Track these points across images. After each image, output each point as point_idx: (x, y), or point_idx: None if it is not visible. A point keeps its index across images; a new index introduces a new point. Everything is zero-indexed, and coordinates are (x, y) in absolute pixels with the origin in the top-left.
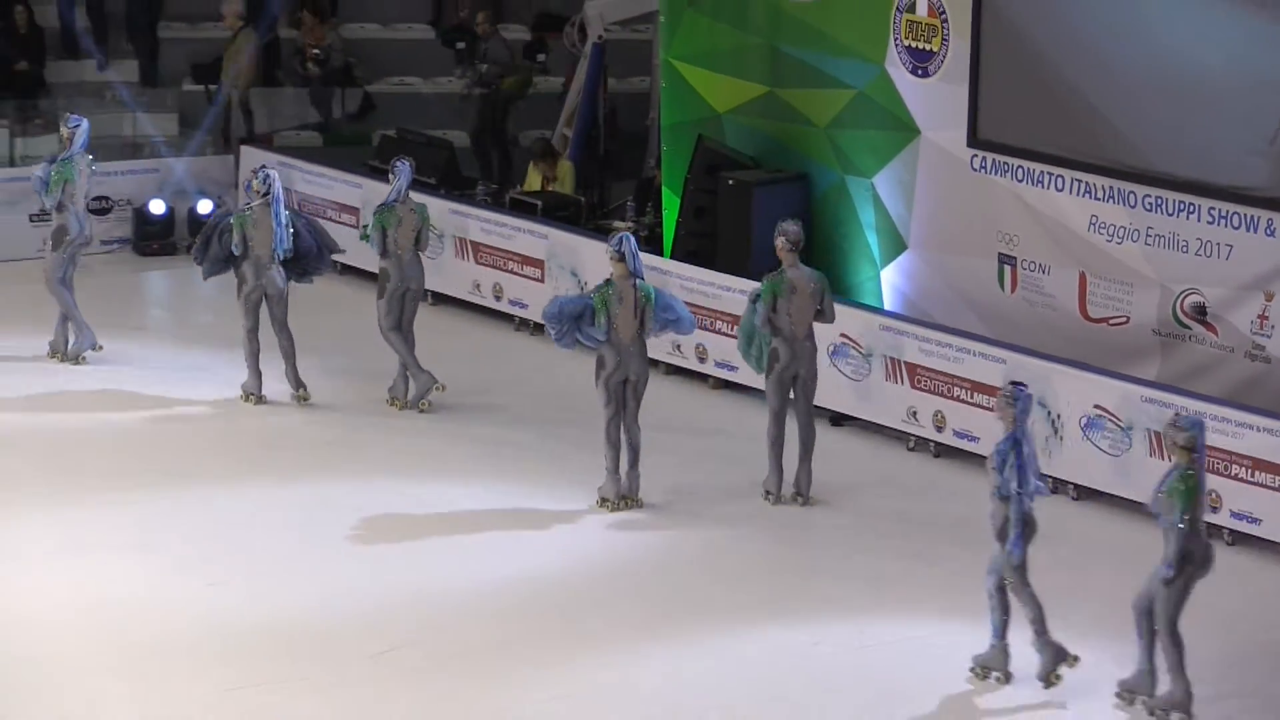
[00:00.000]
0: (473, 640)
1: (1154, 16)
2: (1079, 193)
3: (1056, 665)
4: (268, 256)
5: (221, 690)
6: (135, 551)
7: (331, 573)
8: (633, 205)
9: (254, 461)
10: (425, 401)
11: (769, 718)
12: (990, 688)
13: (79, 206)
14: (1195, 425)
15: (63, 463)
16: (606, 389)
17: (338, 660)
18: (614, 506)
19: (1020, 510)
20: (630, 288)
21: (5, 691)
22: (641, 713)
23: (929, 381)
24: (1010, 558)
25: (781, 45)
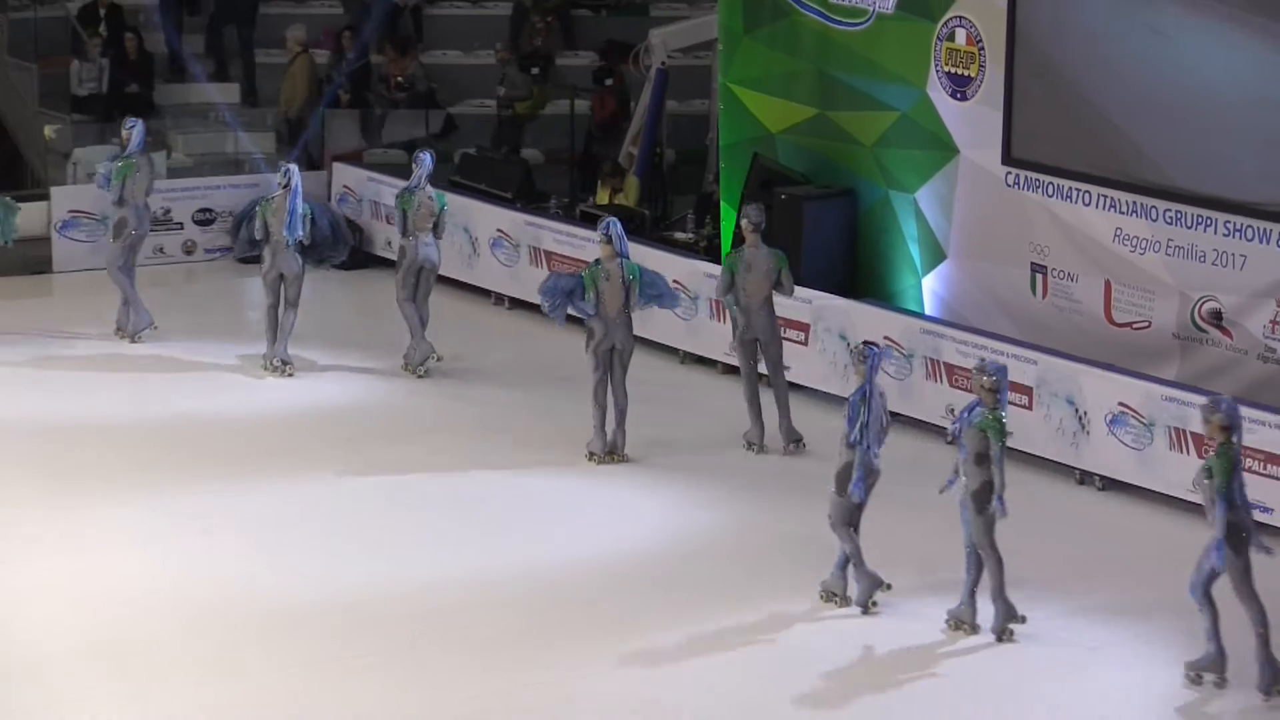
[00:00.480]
0: (513, 623)
1: (1175, 45)
2: (1105, 207)
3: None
4: (284, 241)
5: (274, 669)
6: (189, 537)
7: (378, 556)
8: (693, 218)
9: (309, 451)
10: (422, 368)
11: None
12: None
13: (139, 201)
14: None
15: (143, 453)
16: (595, 356)
17: (386, 641)
18: (600, 460)
19: (864, 458)
20: (616, 267)
21: (80, 664)
22: (678, 690)
23: (966, 381)
24: (851, 498)
25: (831, 71)
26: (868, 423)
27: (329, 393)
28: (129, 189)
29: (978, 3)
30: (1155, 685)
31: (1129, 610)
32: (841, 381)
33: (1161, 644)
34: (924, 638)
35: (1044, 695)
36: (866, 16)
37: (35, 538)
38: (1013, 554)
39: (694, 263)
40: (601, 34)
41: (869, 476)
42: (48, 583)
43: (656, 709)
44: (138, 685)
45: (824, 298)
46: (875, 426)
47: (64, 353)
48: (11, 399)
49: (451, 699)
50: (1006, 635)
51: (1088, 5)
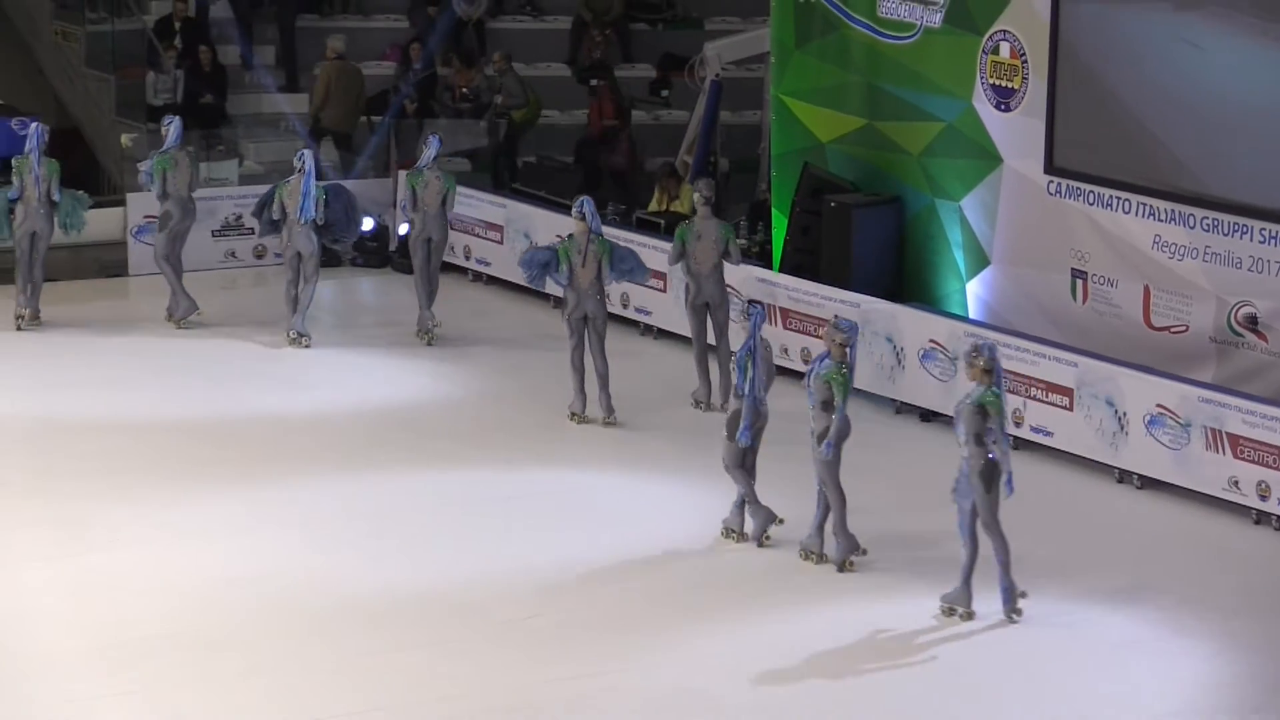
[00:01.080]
0: (597, 610)
1: (1212, 58)
2: (1144, 215)
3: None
4: (299, 221)
5: (370, 652)
6: (281, 529)
7: (467, 545)
8: (745, 224)
9: (394, 446)
10: (428, 335)
11: None
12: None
13: (182, 194)
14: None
15: (227, 452)
16: (569, 324)
17: (473, 626)
18: (580, 419)
19: (751, 406)
20: (588, 242)
21: (198, 647)
22: (756, 674)
23: (1009, 382)
24: (739, 442)
25: (879, 83)
26: (753, 375)
27: (382, 391)
28: (170, 183)
29: (1022, 17)
30: (1190, 677)
31: (1162, 604)
32: (889, 384)
33: (1195, 636)
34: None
35: (1082, 686)
36: (914, 31)
37: (88, 531)
38: (1052, 548)
39: (747, 267)
40: (658, 47)
41: (756, 422)
42: (111, 574)
43: (699, 699)
44: (206, 673)
45: (871, 301)
46: (763, 377)
47: (130, 353)
48: (75, 397)
49: (493, 688)
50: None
51: (1128, 20)
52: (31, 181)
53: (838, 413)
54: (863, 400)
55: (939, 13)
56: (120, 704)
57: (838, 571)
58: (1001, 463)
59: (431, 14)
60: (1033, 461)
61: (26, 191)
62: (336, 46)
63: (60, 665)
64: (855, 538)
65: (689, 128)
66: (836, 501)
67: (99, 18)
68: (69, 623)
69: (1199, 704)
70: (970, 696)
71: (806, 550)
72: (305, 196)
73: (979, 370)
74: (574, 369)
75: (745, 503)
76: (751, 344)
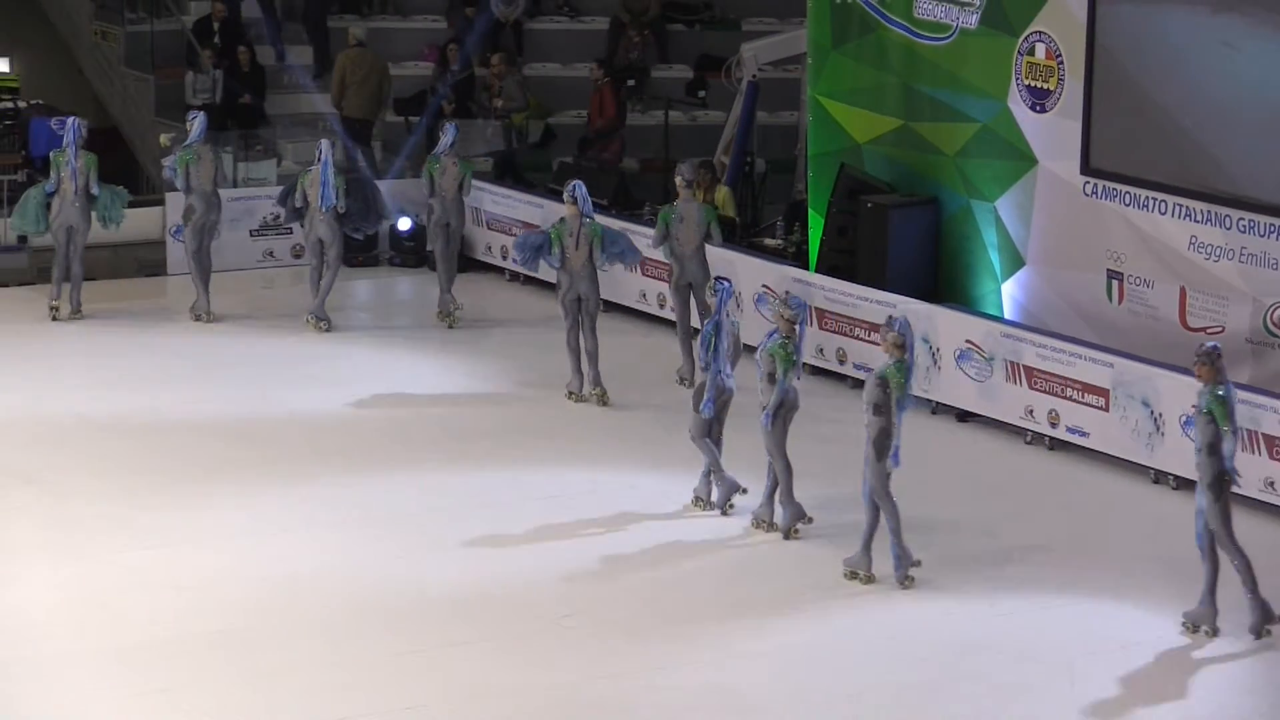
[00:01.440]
0: (630, 608)
1: (1249, 58)
2: (1180, 216)
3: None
4: (319, 209)
5: (412, 650)
6: (327, 529)
7: (500, 543)
8: (782, 225)
9: (430, 444)
10: (450, 318)
11: None
12: None
13: (206, 188)
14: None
15: (262, 450)
16: (563, 305)
17: (509, 624)
18: (577, 398)
19: (715, 380)
20: (579, 225)
21: (231, 646)
22: (800, 675)
23: (1044, 383)
24: (702, 414)
25: (915, 84)
26: (717, 349)
27: (418, 390)
28: (194, 177)
29: (1057, 18)
30: (1225, 680)
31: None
32: (926, 384)
33: (1231, 639)
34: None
35: (1117, 686)
36: (950, 32)
37: (122, 529)
38: (1088, 548)
39: (782, 268)
40: (695, 47)
41: (720, 395)
42: (144, 573)
43: (735, 698)
44: (239, 671)
45: (907, 302)
46: (727, 352)
47: (167, 352)
48: (111, 396)
49: (529, 687)
50: (792, 533)
51: (1164, 21)
52: (68, 175)
53: (778, 385)
54: None
55: (975, 14)
56: (152, 702)
57: (784, 539)
58: (893, 434)
59: (469, 15)
60: (1068, 462)
61: (63, 185)
62: (356, 34)
63: (92, 664)
64: (801, 506)
65: (725, 128)
66: (782, 471)
67: (138, 18)
68: (101, 621)
69: (1236, 706)
70: (1008, 695)
71: (758, 519)
72: (324, 185)
73: (889, 344)
74: (570, 349)
75: (711, 472)
76: (717, 318)
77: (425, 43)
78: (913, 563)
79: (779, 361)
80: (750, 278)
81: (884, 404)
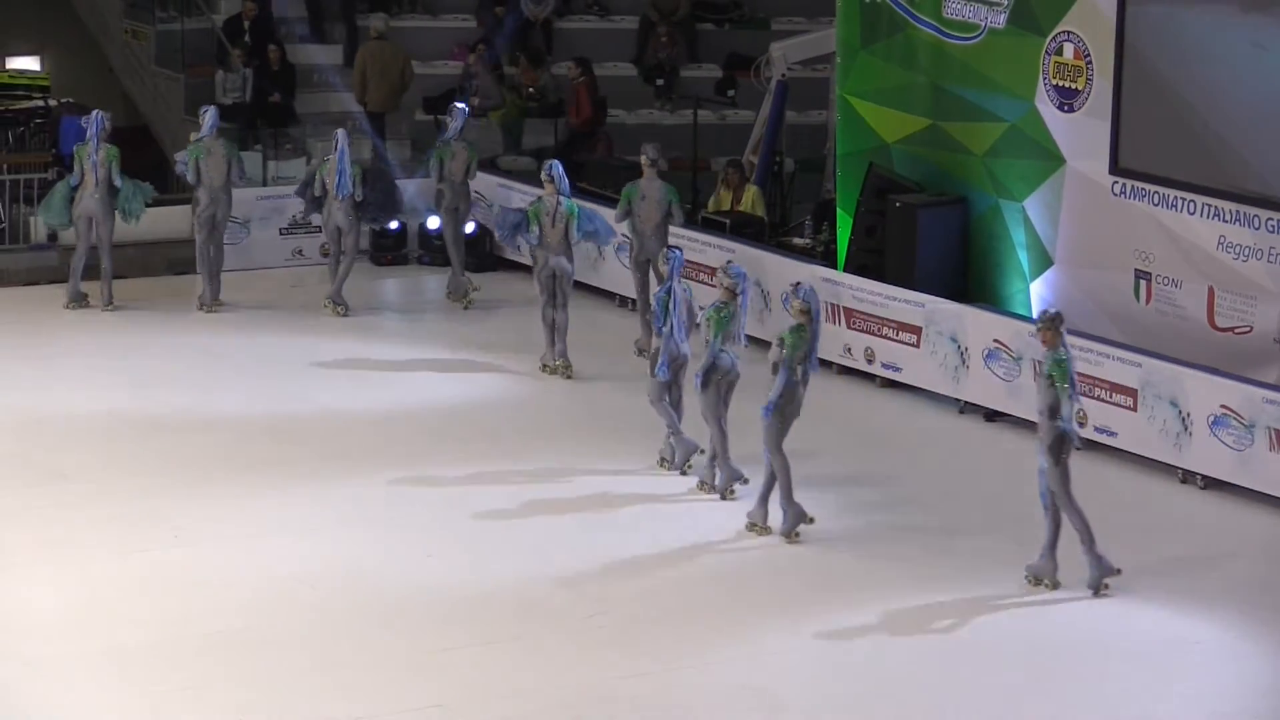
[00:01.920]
0: (656, 606)
1: (1278, 58)
2: (1209, 216)
3: (797, 524)
4: (336, 197)
5: (433, 649)
6: (344, 526)
7: (534, 546)
8: (810, 224)
9: (456, 443)
10: (466, 299)
11: None
12: None
13: (215, 182)
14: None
15: (289, 449)
16: (539, 282)
17: (535, 623)
18: (550, 370)
19: (669, 345)
20: (556, 204)
21: (261, 643)
22: (813, 674)
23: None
24: (657, 377)
25: (944, 84)
26: (670, 315)
27: (445, 388)
28: (204, 171)
29: (1086, 18)
30: (1250, 679)
31: (1224, 605)
32: (952, 383)
33: (1256, 639)
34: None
35: (1142, 685)
36: (978, 31)
37: (152, 527)
38: (1114, 547)
39: (812, 267)
40: (724, 47)
41: (673, 361)
42: (175, 571)
43: (764, 697)
44: (269, 668)
45: (936, 301)
46: (683, 319)
47: (196, 351)
48: (138, 394)
49: (557, 686)
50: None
51: (1193, 21)
52: (90, 167)
53: (710, 348)
54: (926, 399)
55: (1003, 13)
56: (184, 699)
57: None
58: (796, 393)
59: (499, 14)
60: (1096, 461)
61: (85, 176)
62: (377, 26)
63: (126, 660)
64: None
65: (754, 127)
66: (716, 434)
67: (169, 17)
68: (134, 618)
69: (1258, 706)
70: (1033, 692)
71: (701, 483)
72: (341, 174)
73: (795, 310)
74: (545, 324)
75: (671, 435)
76: (670, 285)
77: (455, 41)
78: (806, 520)
79: (712, 325)
80: (779, 277)
81: (781, 361)
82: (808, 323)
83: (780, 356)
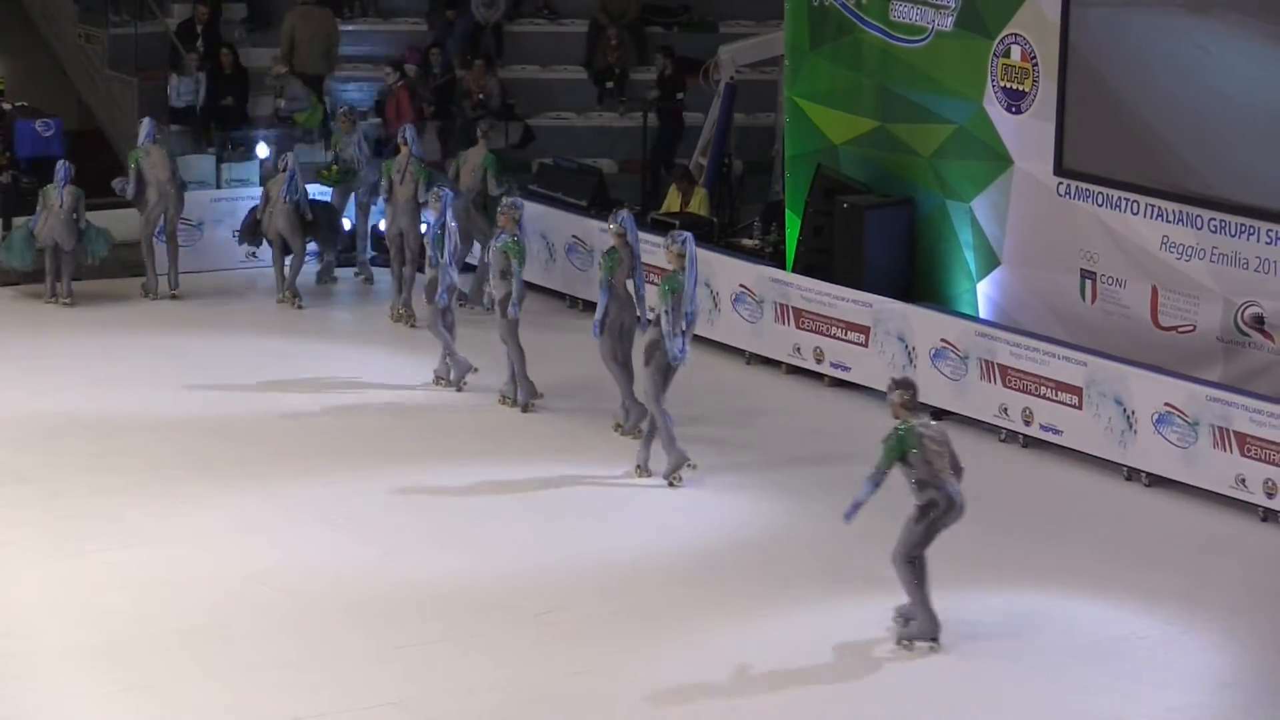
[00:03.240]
0: (611, 604)
1: (1221, 60)
2: (1152, 216)
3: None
4: (280, 202)
5: (389, 647)
6: (298, 526)
7: (488, 543)
8: (759, 225)
9: (412, 443)
10: (404, 317)
11: None
12: None
13: (161, 177)
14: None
15: (243, 449)
16: (389, 240)
17: (491, 621)
18: (396, 318)
19: (445, 276)
20: (407, 164)
21: (216, 642)
22: (767, 673)
23: (1018, 381)
24: (437, 303)
25: (891, 85)
26: (444, 248)
27: (400, 389)
28: (147, 171)
29: (1032, 21)
30: (1196, 674)
31: (1169, 601)
32: None
33: (1201, 634)
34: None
35: (1088, 681)
36: (926, 34)
37: (106, 527)
38: (1060, 545)
39: (760, 268)
40: (673, 50)
41: (451, 290)
42: (129, 570)
43: (715, 694)
44: (223, 666)
45: (883, 301)
46: (454, 251)
47: (149, 351)
48: (94, 395)
49: (513, 683)
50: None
51: (1138, 24)
52: (56, 200)
53: (515, 277)
54: (873, 398)
55: (950, 16)
56: (131, 698)
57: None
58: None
59: (450, 17)
60: (1042, 459)
61: (50, 204)
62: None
63: (82, 659)
64: (534, 384)
65: (703, 130)
66: (516, 356)
67: (122, 21)
68: (87, 618)
69: (1204, 702)
70: (976, 689)
71: (502, 395)
72: (290, 179)
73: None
74: (394, 278)
75: (447, 355)
76: (442, 221)
77: (406, 45)
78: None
79: (511, 256)
80: (728, 278)
81: (508, 270)
82: (621, 246)
83: (505, 264)
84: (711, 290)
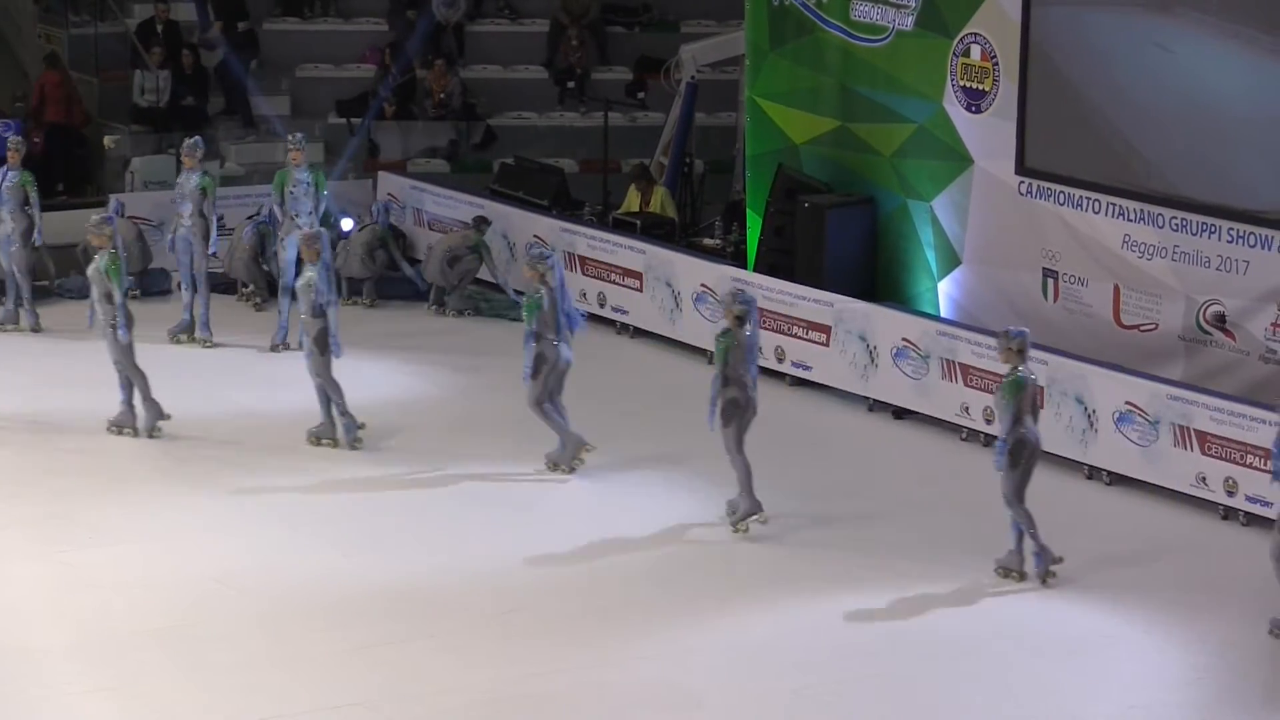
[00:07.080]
0: (576, 603)
1: (1181, 61)
2: (1114, 215)
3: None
4: None
5: (354, 647)
6: (262, 527)
7: (450, 542)
8: (720, 225)
9: (373, 444)
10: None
11: None
12: None
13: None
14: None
15: (207, 451)
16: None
17: (454, 620)
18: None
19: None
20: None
21: (181, 643)
22: (730, 671)
23: (979, 380)
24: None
25: (852, 85)
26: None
27: (363, 390)
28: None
29: (992, 20)
30: (1156, 672)
31: (1129, 599)
32: (861, 381)
33: (1162, 631)
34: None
35: (1048, 680)
36: (886, 33)
37: (71, 528)
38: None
39: (721, 267)
40: (634, 49)
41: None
42: (94, 572)
43: (680, 694)
44: (189, 668)
45: (845, 301)
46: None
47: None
48: (53, 396)
49: (476, 683)
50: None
51: (1098, 23)
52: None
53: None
54: (835, 397)
55: (910, 16)
56: (97, 700)
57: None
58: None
59: (410, 17)
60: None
61: None
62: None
63: (42, 661)
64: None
65: (664, 129)
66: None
67: (82, 21)
68: (51, 619)
69: (1166, 700)
70: (941, 690)
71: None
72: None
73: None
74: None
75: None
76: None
77: (367, 45)
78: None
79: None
80: (689, 277)
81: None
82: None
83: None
84: (673, 290)
